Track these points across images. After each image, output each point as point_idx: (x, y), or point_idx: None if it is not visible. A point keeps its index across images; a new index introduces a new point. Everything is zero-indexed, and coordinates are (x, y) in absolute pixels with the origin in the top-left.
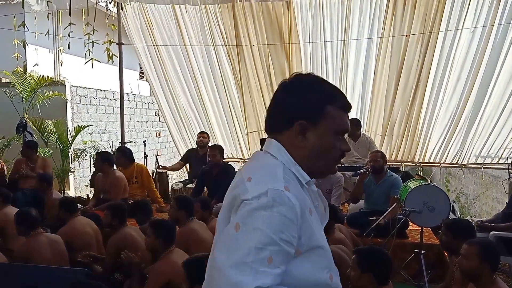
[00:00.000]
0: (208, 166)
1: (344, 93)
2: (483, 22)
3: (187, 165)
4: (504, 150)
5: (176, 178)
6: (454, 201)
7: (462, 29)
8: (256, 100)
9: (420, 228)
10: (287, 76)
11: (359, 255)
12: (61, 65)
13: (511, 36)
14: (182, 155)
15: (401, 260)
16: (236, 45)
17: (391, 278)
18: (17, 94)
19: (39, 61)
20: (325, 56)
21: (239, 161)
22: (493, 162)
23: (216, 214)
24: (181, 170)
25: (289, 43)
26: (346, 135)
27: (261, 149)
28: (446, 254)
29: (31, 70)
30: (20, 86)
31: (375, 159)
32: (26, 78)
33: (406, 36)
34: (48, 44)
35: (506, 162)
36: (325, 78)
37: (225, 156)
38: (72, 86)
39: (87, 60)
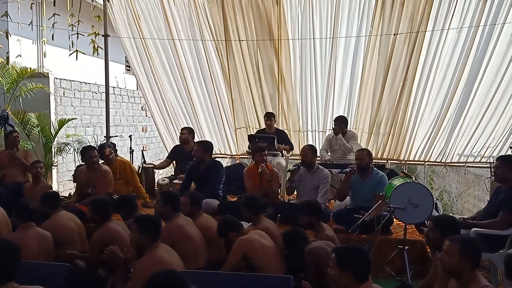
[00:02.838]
0: (195, 161)
1: (332, 91)
2: (469, 22)
3: (174, 161)
4: (487, 149)
5: (162, 174)
6: (437, 199)
7: (448, 29)
8: (244, 96)
9: (404, 224)
10: (276, 72)
11: (337, 254)
12: (45, 56)
13: (496, 37)
14: (168, 152)
15: (385, 256)
16: (225, 40)
17: (375, 273)
18: None
19: (22, 52)
20: (313, 53)
21: (226, 157)
22: (475, 161)
23: (204, 210)
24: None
25: (278, 39)
26: (332, 133)
27: (249, 146)
28: (429, 250)
29: (13, 61)
30: (2, 78)
31: (361, 158)
32: (8, 69)
33: (394, 35)
34: (32, 35)
35: (488, 161)
36: (313, 75)
37: (213, 152)
38: (56, 78)
39: (72, 52)
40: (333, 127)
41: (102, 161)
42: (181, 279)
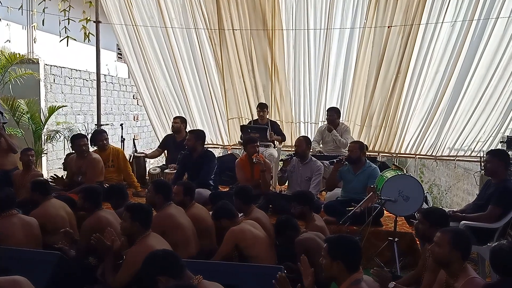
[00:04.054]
0: (188, 150)
1: (325, 82)
2: (462, 16)
3: (165, 151)
4: (477, 143)
5: (153, 163)
6: (427, 192)
7: (442, 22)
8: (237, 86)
9: (394, 216)
10: (269, 63)
11: (329, 244)
12: (35, 42)
13: (489, 31)
14: (160, 142)
15: (375, 248)
16: (219, 29)
17: (365, 265)
18: None
19: (11, 38)
20: (307, 44)
21: (218, 147)
22: (465, 155)
23: (196, 200)
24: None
25: (272, 29)
26: (326, 124)
27: (241, 136)
28: (418, 242)
29: (3, 47)
30: None
31: (352, 150)
32: None
33: (388, 27)
34: (22, 20)
35: (478, 155)
36: (307, 66)
37: (205, 141)
38: (46, 64)
39: (62, 38)
40: (326, 118)
41: (95, 148)
42: (178, 259)
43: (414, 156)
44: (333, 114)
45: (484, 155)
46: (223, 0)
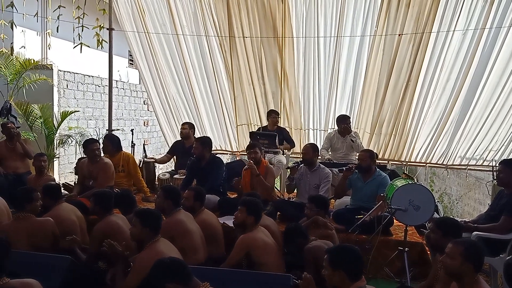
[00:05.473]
0: (196, 157)
1: (335, 90)
2: (474, 24)
3: (175, 156)
4: (489, 152)
5: (163, 168)
6: (438, 201)
7: (454, 31)
8: (246, 93)
9: (404, 226)
10: (279, 70)
11: (329, 254)
12: (49, 48)
13: (502, 40)
14: (169, 147)
15: (384, 257)
16: (229, 36)
17: (374, 274)
18: (1, 76)
19: (26, 44)
20: (317, 51)
21: (227, 154)
22: (477, 164)
23: (206, 206)
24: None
25: (282, 37)
26: (335, 131)
27: (250, 142)
28: (428, 252)
29: (17, 52)
30: (5, 68)
31: (362, 159)
32: (12, 60)
33: (399, 35)
34: (36, 27)
35: (491, 164)
36: (316, 73)
37: (213, 148)
38: (60, 70)
39: (76, 44)
40: (343, 126)
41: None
42: (186, 266)
43: (425, 164)
44: (346, 120)
45: (496, 165)
46: (234, 8)
